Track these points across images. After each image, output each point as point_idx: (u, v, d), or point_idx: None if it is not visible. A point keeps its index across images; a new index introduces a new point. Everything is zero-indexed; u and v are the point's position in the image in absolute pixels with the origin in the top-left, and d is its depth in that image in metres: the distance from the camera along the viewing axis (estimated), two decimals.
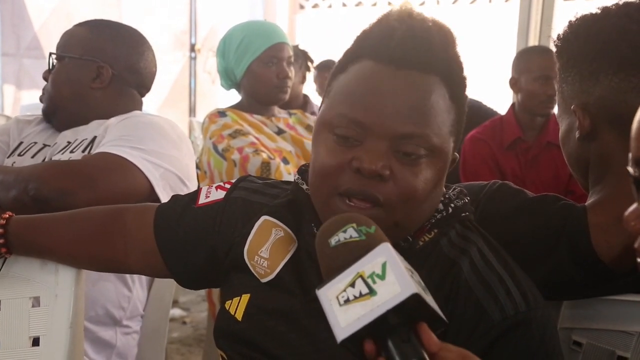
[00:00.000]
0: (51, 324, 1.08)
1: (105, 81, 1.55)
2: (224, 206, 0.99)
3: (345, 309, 0.66)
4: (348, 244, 0.71)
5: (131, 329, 1.51)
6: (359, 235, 0.71)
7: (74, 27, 1.62)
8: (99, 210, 1.08)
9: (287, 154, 2.14)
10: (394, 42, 0.82)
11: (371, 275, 0.66)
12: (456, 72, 0.86)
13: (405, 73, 0.82)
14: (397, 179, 0.81)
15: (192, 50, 6.00)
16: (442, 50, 0.84)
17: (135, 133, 1.42)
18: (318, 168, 0.85)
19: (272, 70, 2.11)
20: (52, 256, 1.09)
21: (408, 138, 0.81)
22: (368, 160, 0.80)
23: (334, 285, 0.68)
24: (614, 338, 0.98)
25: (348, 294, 0.67)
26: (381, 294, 0.65)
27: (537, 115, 2.49)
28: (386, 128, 0.81)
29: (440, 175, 0.85)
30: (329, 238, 0.72)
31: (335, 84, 0.88)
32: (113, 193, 1.33)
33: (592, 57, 1.01)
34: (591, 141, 1.03)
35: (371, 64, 0.84)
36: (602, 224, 0.95)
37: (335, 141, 0.84)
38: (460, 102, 0.87)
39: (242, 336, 0.91)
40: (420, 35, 0.83)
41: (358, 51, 0.87)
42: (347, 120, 0.82)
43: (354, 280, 0.67)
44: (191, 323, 3.39)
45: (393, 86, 0.82)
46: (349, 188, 0.82)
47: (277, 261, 0.91)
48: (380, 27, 0.86)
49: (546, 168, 2.46)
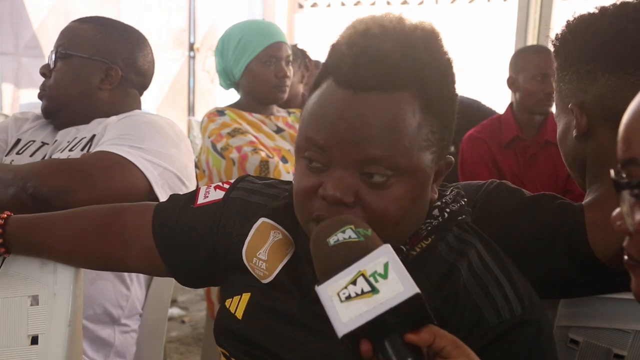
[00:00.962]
0: (50, 322, 1.08)
1: (114, 83, 1.54)
2: (222, 206, 0.99)
3: (346, 305, 0.67)
4: (348, 243, 0.71)
5: (130, 327, 1.51)
6: (357, 236, 0.72)
7: (76, 23, 1.59)
8: (98, 209, 1.08)
9: (285, 153, 2.14)
10: (346, 68, 0.80)
11: (373, 274, 0.67)
12: (430, 79, 0.81)
13: (364, 96, 0.79)
14: (364, 203, 0.80)
15: (191, 49, 6.01)
16: (408, 64, 0.79)
17: (134, 132, 1.41)
18: (295, 191, 0.85)
19: (271, 70, 2.11)
20: (51, 255, 1.09)
21: (372, 161, 0.79)
22: (331, 187, 0.79)
23: (335, 282, 0.69)
24: (611, 336, 0.98)
25: (350, 291, 0.67)
26: (384, 292, 0.66)
27: (535, 113, 2.49)
28: (348, 154, 0.79)
29: (418, 191, 0.83)
30: (327, 237, 0.72)
31: (308, 103, 0.86)
32: (112, 192, 1.33)
33: (589, 56, 1.01)
34: (588, 140, 1.03)
35: (333, 86, 0.82)
36: (598, 222, 0.95)
37: (305, 165, 0.83)
38: (440, 108, 0.83)
39: (242, 334, 0.91)
40: (375, 55, 0.79)
41: (326, 67, 0.85)
42: (313, 145, 0.81)
43: (355, 278, 0.68)
44: (190, 322, 3.39)
45: (352, 111, 0.79)
46: (319, 215, 0.82)
47: (276, 263, 0.91)
48: (339, 46, 0.83)
49: (544, 167, 2.46)
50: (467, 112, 3.05)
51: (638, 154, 0.62)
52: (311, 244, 0.74)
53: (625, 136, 0.64)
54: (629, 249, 0.66)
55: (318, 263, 0.73)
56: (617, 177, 0.63)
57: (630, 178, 0.63)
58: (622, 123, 0.64)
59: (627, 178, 0.63)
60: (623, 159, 0.64)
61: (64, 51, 1.55)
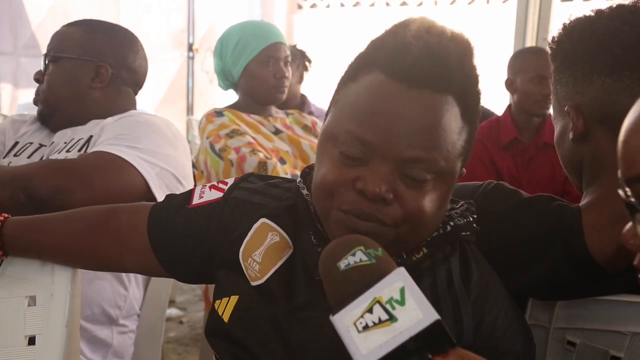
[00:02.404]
0: (47, 323, 1.08)
1: (104, 81, 1.55)
2: (223, 205, 0.98)
3: (364, 335, 0.64)
4: (360, 268, 0.69)
5: (127, 328, 1.51)
6: (368, 258, 0.69)
7: (65, 27, 1.61)
8: (94, 210, 1.08)
9: (284, 154, 2.14)
10: (409, 60, 0.78)
11: (389, 300, 0.65)
12: (471, 89, 0.83)
13: (418, 92, 0.78)
14: (402, 201, 0.80)
15: (189, 49, 6.00)
16: (458, 68, 0.80)
17: (131, 132, 1.42)
18: (320, 181, 0.83)
19: (269, 70, 2.11)
20: (48, 256, 1.09)
21: (415, 162, 0.79)
22: (372, 182, 0.78)
23: (350, 312, 0.66)
24: (608, 338, 0.98)
25: (366, 320, 0.65)
26: (402, 320, 0.63)
27: (533, 115, 2.50)
28: (393, 150, 0.78)
29: (446, 196, 0.84)
30: (338, 262, 0.70)
31: (344, 94, 0.85)
32: (109, 192, 1.33)
33: (585, 58, 1.01)
34: (585, 142, 1.03)
35: (383, 78, 0.80)
36: (596, 224, 0.95)
37: (339, 156, 0.81)
38: (473, 120, 0.84)
39: (229, 337, 0.91)
40: (437, 53, 0.79)
41: (371, 60, 0.83)
42: (354, 138, 0.80)
43: (371, 306, 0.65)
44: (188, 323, 3.39)
45: (404, 107, 0.78)
46: (352, 209, 0.80)
47: (269, 267, 0.90)
48: (396, 40, 0.82)
49: (542, 169, 2.46)
50: None
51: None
52: (321, 267, 0.72)
53: (629, 153, 0.62)
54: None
55: (330, 289, 0.71)
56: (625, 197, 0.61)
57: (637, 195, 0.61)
58: (621, 139, 0.62)
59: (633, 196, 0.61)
60: (628, 177, 0.62)
61: (53, 54, 1.56)
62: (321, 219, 0.86)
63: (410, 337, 0.62)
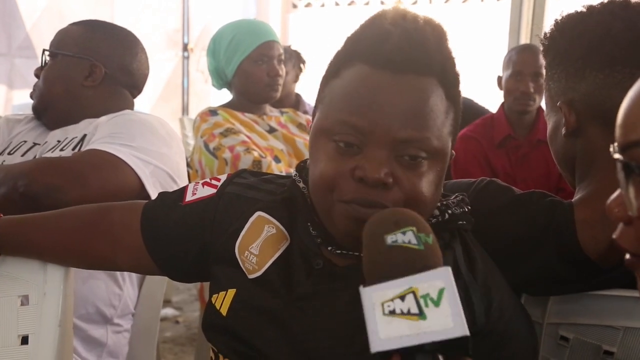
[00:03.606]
0: (40, 322, 1.07)
1: (97, 80, 1.56)
2: (217, 201, 0.98)
3: (388, 320, 0.62)
4: (406, 249, 0.66)
5: (122, 327, 1.50)
6: (417, 243, 0.66)
7: (69, 25, 1.62)
8: (87, 209, 1.08)
9: (278, 153, 2.14)
10: (389, 46, 0.81)
11: (425, 296, 0.62)
12: (451, 70, 0.86)
13: (403, 77, 0.81)
14: (402, 184, 0.81)
15: (184, 49, 6.00)
16: (437, 51, 0.83)
17: (125, 130, 1.42)
18: (318, 176, 0.84)
19: (263, 69, 2.11)
20: (41, 255, 1.08)
21: (409, 143, 0.80)
22: (370, 169, 0.79)
23: (382, 290, 0.63)
24: (601, 333, 0.98)
25: (395, 306, 0.62)
26: (431, 321, 0.61)
27: (515, 112, 2.52)
28: (387, 134, 0.80)
29: (441, 176, 0.85)
30: (386, 234, 0.67)
31: (329, 90, 0.86)
32: (103, 190, 1.33)
33: (577, 54, 1.02)
34: (577, 137, 1.04)
35: (367, 68, 0.82)
36: (588, 219, 0.96)
37: (335, 149, 0.83)
38: (456, 100, 0.87)
39: (228, 330, 0.91)
40: (416, 38, 0.82)
41: (351, 55, 0.85)
42: (347, 127, 0.81)
43: (405, 294, 0.63)
44: (184, 322, 3.39)
45: (391, 91, 0.81)
46: (354, 198, 0.81)
47: (266, 259, 0.91)
48: (374, 30, 0.84)
49: (537, 166, 2.47)
50: None
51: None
52: (366, 234, 0.70)
53: (629, 120, 0.62)
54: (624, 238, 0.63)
55: (369, 259, 0.68)
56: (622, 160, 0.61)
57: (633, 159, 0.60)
58: (623, 107, 0.63)
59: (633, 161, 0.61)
60: (626, 143, 0.61)
61: (51, 50, 1.58)
62: (322, 215, 0.87)
63: (433, 342, 0.60)
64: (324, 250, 0.89)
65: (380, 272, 0.65)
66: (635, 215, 0.61)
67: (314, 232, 0.90)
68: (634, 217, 0.61)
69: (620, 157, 0.61)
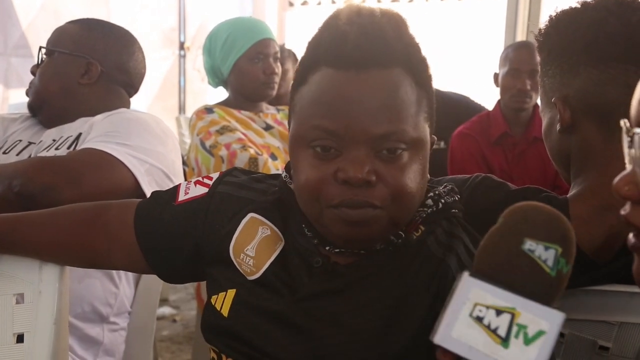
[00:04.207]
0: (35, 320, 1.07)
1: (93, 78, 1.56)
2: (208, 201, 0.98)
3: (470, 323, 0.56)
4: (537, 267, 0.58)
5: (118, 325, 1.50)
6: (552, 267, 0.58)
7: (66, 24, 1.63)
8: (81, 207, 1.08)
9: (275, 150, 2.14)
10: (348, 46, 0.80)
11: (522, 327, 0.56)
12: (415, 56, 0.85)
13: (368, 73, 0.81)
14: (385, 179, 0.81)
15: (181, 48, 5.98)
16: (397, 40, 0.83)
17: (120, 129, 1.41)
18: (303, 184, 0.83)
19: (259, 67, 2.11)
20: (35, 253, 1.08)
21: (385, 137, 0.80)
22: (352, 169, 0.79)
23: (485, 292, 0.57)
24: (596, 328, 0.98)
25: (486, 315, 0.56)
26: (510, 354, 0.55)
27: (511, 109, 2.53)
28: (362, 133, 0.79)
29: (424, 164, 0.85)
30: (529, 237, 0.59)
31: (298, 98, 0.86)
32: (98, 189, 1.33)
33: (571, 50, 1.02)
34: (572, 133, 1.04)
35: (331, 71, 0.82)
36: (583, 215, 0.96)
37: (313, 155, 0.82)
38: (427, 86, 0.86)
39: (229, 331, 0.90)
40: (373, 32, 0.81)
41: (314, 59, 0.85)
42: (322, 132, 0.81)
43: (504, 310, 0.56)
44: (181, 321, 3.39)
45: (359, 90, 0.80)
46: (342, 201, 0.80)
47: (264, 260, 0.90)
48: (331, 32, 0.84)
49: (533, 163, 2.47)
50: (456, 108, 3.08)
51: None
52: (509, 217, 0.62)
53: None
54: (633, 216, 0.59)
55: (492, 244, 0.61)
56: None
57: None
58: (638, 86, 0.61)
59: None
60: None
61: (48, 48, 1.58)
62: (314, 222, 0.87)
63: None
64: (321, 248, 0.89)
65: (495, 268, 0.59)
66: None
67: (309, 234, 0.89)
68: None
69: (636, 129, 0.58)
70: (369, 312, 0.85)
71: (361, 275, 0.87)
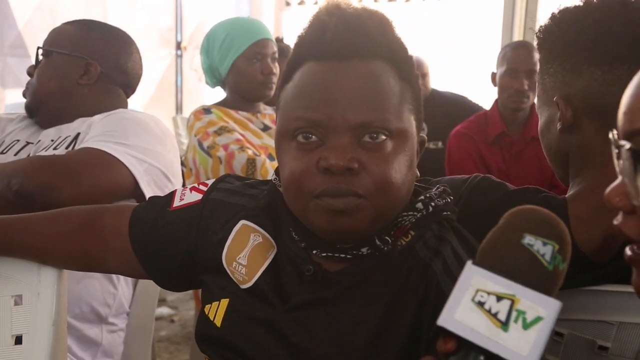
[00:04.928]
0: (34, 322, 1.07)
1: (92, 78, 1.56)
2: (201, 208, 0.97)
3: (472, 307, 0.58)
4: (535, 259, 0.60)
5: (117, 326, 1.50)
6: (549, 262, 0.60)
7: (62, 24, 1.62)
8: (79, 210, 1.07)
9: (272, 150, 2.14)
10: (328, 36, 0.81)
11: (521, 312, 0.58)
12: (399, 52, 0.85)
13: (348, 63, 0.81)
14: (368, 168, 0.80)
15: (178, 47, 5.98)
16: (380, 35, 0.83)
17: (119, 129, 1.41)
18: (287, 177, 0.83)
19: (257, 67, 2.11)
20: (32, 256, 1.08)
21: (367, 125, 0.80)
22: (334, 157, 0.78)
23: (486, 279, 0.59)
24: (595, 328, 0.98)
25: (487, 301, 0.58)
26: (509, 337, 0.57)
27: (509, 109, 2.53)
28: (344, 121, 0.80)
29: (410, 157, 0.84)
30: (529, 232, 0.61)
31: (283, 95, 0.86)
32: (97, 188, 1.33)
33: (575, 49, 1.01)
34: (572, 133, 1.03)
35: (313, 64, 0.83)
36: (582, 215, 0.96)
37: (297, 147, 0.82)
38: (411, 81, 0.86)
39: (223, 341, 0.90)
40: (353, 23, 0.82)
41: (298, 57, 0.85)
42: (304, 122, 0.81)
43: (504, 297, 0.58)
44: (179, 321, 3.38)
45: (340, 80, 0.81)
46: (324, 190, 0.80)
47: (256, 268, 0.90)
48: (312, 26, 0.85)
49: (530, 163, 2.48)
50: (454, 107, 3.09)
51: None
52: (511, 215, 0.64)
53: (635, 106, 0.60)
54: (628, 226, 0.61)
55: (495, 239, 0.63)
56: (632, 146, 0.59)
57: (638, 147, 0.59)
58: (627, 95, 0.62)
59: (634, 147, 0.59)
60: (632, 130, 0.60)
61: (46, 48, 1.58)
62: (300, 216, 0.86)
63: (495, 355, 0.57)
64: (312, 254, 0.88)
65: (496, 259, 0.61)
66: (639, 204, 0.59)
67: (296, 237, 0.88)
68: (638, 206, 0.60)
69: (627, 144, 0.59)
70: (359, 321, 0.84)
71: (351, 284, 0.86)
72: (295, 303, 0.87)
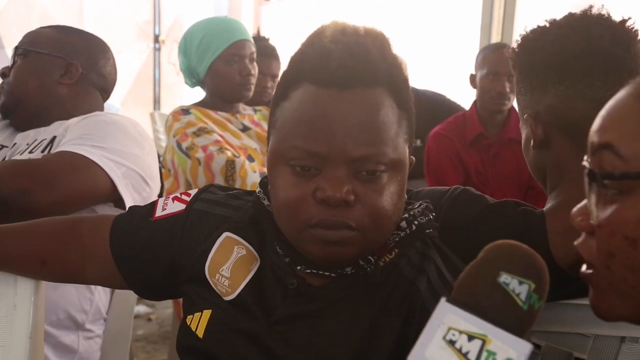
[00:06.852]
0: (10, 335, 1.05)
1: (73, 78, 1.54)
2: (184, 219, 0.97)
3: (443, 346, 0.59)
4: (510, 299, 0.60)
5: (94, 333, 1.48)
6: (524, 301, 0.60)
7: (38, 28, 1.61)
8: (56, 221, 1.06)
9: (252, 152, 2.13)
10: (333, 64, 0.79)
11: (491, 353, 0.58)
12: (398, 77, 0.84)
13: (350, 93, 0.80)
14: (363, 200, 0.80)
15: (156, 41, 5.91)
16: (381, 60, 0.82)
17: (96, 132, 1.40)
18: (282, 203, 0.82)
19: (234, 69, 2.10)
20: (9, 267, 1.06)
21: (365, 159, 0.80)
22: (331, 188, 0.78)
23: (459, 318, 0.60)
24: (572, 340, 1.00)
25: (458, 340, 0.59)
26: None
27: (489, 111, 2.55)
28: (342, 153, 0.79)
29: (402, 185, 0.85)
30: (505, 271, 0.61)
31: (279, 113, 0.85)
32: (74, 192, 1.31)
33: (539, 68, 1.04)
34: (545, 149, 1.06)
35: (313, 88, 0.81)
36: (559, 229, 0.97)
37: (292, 173, 0.81)
38: (407, 107, 0.86)
39: (205, 352, 0.89)
40: (358, 51, 0.81)
41: (296, 75, 0.84)
42: (302, 152, 0.80)
43: (475, 336, 0.59)
44: (156, 320, 3.36)
45: (341, 110, 0.79)
46: (320, 220, 0.80)
47: (239, 281, 0.90)
48: (315, 49, 0.83)
49: (508, 164, 2.50)
50: (433, 106, 3.10)
51: (613, 140, 0.60)
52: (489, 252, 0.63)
53: (601, 124, 0.62)
54: (584, 248, 0.63)
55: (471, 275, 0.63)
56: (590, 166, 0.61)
57: (601, 167, 0.61)
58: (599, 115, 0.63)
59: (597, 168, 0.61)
60: (594, 146, 0.62)
61: (24, 49, 1.55)
62: (292, 241, 0.85)
63: None
64: (295, 268, 0.88)
65: (471, 296, 0.61)
66: (596, 224, 0.61)
67: (281, 252, 0.88)
68: (595, 226, 0.61)
69: (586, 163, 0.61)
70: (342, 337, 0.84)
71: (334, 299, 0.86)
72: (279, 316, 0.87)
